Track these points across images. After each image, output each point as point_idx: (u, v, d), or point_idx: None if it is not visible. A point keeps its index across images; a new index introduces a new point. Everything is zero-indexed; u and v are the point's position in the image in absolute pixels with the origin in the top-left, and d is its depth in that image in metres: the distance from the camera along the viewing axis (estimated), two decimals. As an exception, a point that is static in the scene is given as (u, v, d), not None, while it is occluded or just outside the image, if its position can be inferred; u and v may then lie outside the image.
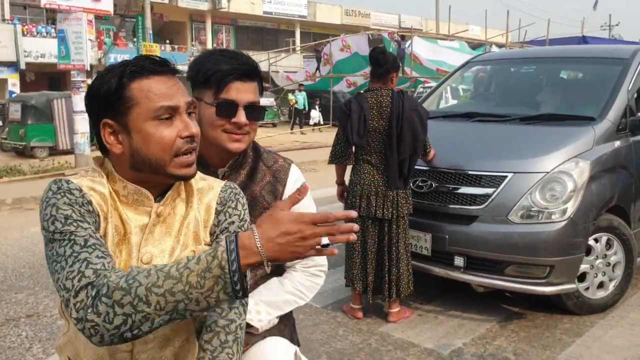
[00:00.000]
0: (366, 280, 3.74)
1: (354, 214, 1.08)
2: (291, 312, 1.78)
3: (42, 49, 26.24)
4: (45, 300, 4.23)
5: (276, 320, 1.69)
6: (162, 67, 1.26)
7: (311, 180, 2.64)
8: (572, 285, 3.62)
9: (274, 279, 1.73)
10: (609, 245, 3.87)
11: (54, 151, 14.11)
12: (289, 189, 1.72)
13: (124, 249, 1.27)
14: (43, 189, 1.24)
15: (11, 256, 5.52)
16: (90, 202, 1.23)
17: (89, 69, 11.39)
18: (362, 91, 3.79)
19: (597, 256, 3.81)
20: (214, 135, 1.60)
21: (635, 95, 4.25)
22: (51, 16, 28.24)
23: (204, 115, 1.61)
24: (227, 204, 1.35)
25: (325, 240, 1.06)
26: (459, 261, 3.75)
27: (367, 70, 19.41)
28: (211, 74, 1.58)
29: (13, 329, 3.74)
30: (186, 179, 1.29)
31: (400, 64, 21.00)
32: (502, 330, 3.63)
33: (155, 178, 1.28)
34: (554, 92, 4.73)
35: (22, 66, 25.30)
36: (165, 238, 1.30)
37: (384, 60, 3.70)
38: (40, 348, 3.45)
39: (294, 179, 1.75)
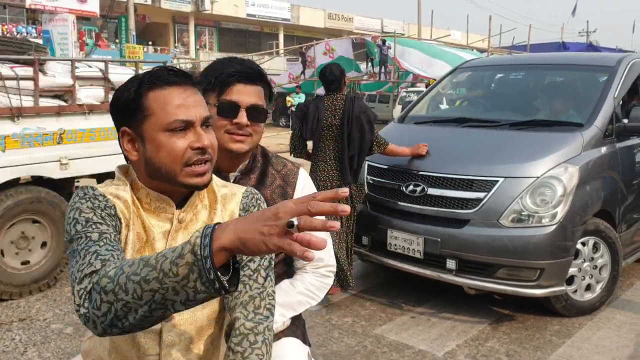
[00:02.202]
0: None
1: (344, 192, 0.95)
2: (301, 313, 1.82)
3: (22, 49, 25.87)
4: (37, 304, 4.20)
5: (289, 322, 1.74)
6: (180, 78, 1.27)
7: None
8: (562, 288, 3.72)
9: (285, 281, 1.78)
10: (595, 248, 3.97)
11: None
12: (298, 192, 1.77)
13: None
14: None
15: (-2, 259, 5.45)
16: (113, 207, 1.26)
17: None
18: (321, 94, 4.24)
19: (584, 259, 3.91)
20: (217, 137, 1.64)
21: (621, 102, 4.38)
22: (32, 16, 27.91)
23: None
24: (249, 210, 1.39)
25: (294, 220, 0.94)
26: (450, 264, 3.82)
27: (350, 74, 19.58)
28: (215, 77, 1.63)
29: (6, 333, 3.71)
30: (199, 188, 1.30)
31: (384, 66, 21.15)
32: (493, 332, 3.70)
33: (170, 186, 1.30)
34: (543, 99, 4.83)
35: (2, 67, 24.89)
36: None
37: (333, 77, 4.14)
38: (36, 352, 3.43)
39: (303, 182, 1.80)
